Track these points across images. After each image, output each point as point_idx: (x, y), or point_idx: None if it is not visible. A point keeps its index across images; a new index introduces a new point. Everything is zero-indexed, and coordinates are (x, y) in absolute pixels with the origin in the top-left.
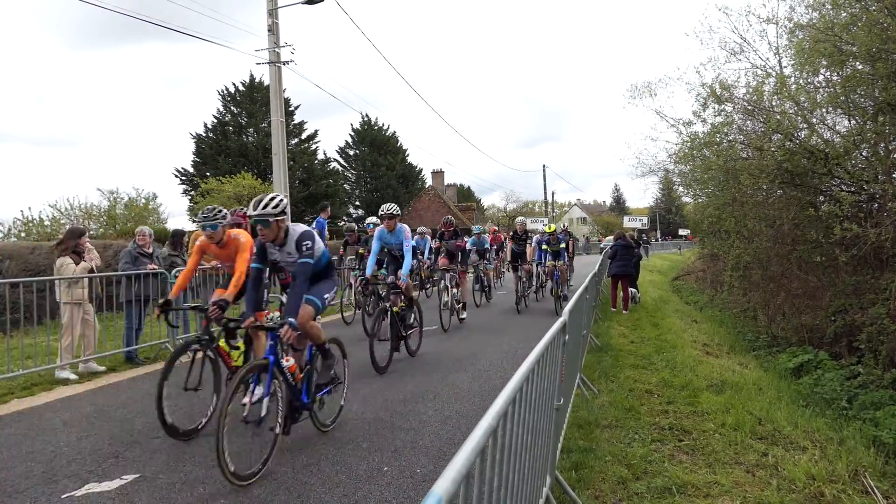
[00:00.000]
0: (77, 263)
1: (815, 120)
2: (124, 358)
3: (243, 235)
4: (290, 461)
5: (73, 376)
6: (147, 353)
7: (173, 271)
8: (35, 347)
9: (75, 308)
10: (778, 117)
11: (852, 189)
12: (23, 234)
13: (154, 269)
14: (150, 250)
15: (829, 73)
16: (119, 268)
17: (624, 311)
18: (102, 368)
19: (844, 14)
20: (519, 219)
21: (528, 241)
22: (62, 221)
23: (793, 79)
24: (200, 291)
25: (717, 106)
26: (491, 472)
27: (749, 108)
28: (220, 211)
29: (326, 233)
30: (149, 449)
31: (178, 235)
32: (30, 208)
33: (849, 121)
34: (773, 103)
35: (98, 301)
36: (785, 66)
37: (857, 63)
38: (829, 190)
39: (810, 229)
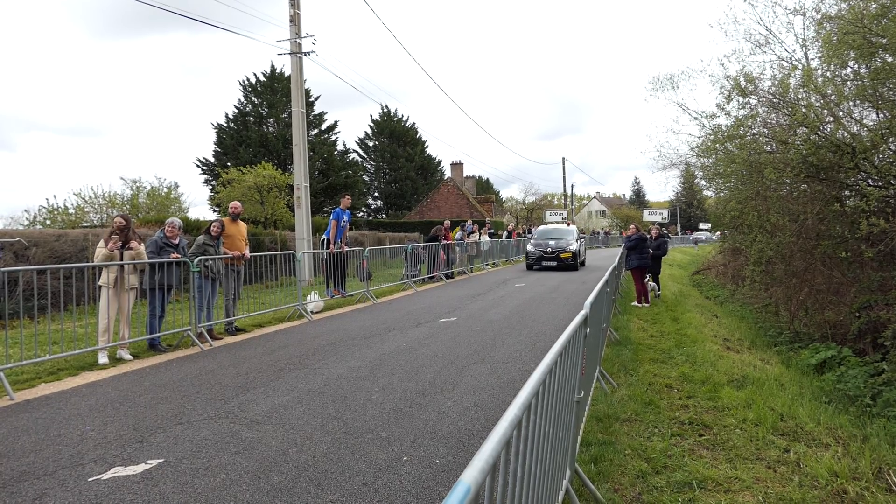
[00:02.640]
0: (108, 249)
1: (841, 113)
2: (147, 345)
3: None
4: (311, 449)
5: (105, 360)
6: (169, 340)
7: (195, 260)
8: (61, 333)
9: (112, 291)
10: (804, 110)
11: (879, 184)
12: (48, 222)
13: (177, 257)
14: (177, 241)
15: (857, 66)
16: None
17: (636, 304)
18: (130, 357)
19: (874, 5)
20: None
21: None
22: (86, 210)
23: (819, 71)
24: (223, 281)
25: (741, 99)
26: (515, 463)
27: (774, 101)
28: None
29: (348, 221)
30: (172, 435)
31: (216, 226)
32: (55, 196)
33: (877, 114)
34: (799, 96)
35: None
36: (812, 59)
37: (887, 55)
38: (855, 184)
39: (835, 224)
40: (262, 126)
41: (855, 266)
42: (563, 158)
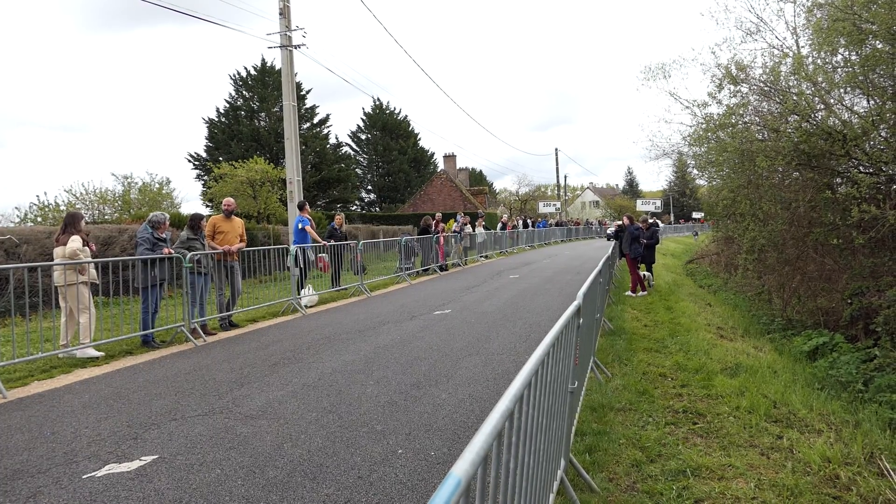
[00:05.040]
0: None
1: (832, 100)
2: (141, 341)
3: None
4: (306, 444)
5: (96, 353)
6: (163, 336)
7: (188, 255)
8: (53, 331)
9: (85, 288)
10: (795, 98)
11: (870, 171)
12: (39, 219)
13: (170, 253)
14: (164, 236)
15: (847, 53)
16: (137, 252)
17: (631, 294)
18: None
19: None
20: None
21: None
22: (77, 206)
23: (810, 59)
24: (214, 276)
25: (732, 87)
26: (507, 455)
27: (765, 89)
28: None
29: (312, 227)
30: (166, 431)
31: (197, 219)
32: (45, 193)
33: (867, 101)
34: (790, 84)
35: (113, 285)
36: (802, 46)
37: (877, 42)
38: (846, 172)
39: (827, 212)
40: (254, 120)
41: (846, 253)
42: (556, 149)
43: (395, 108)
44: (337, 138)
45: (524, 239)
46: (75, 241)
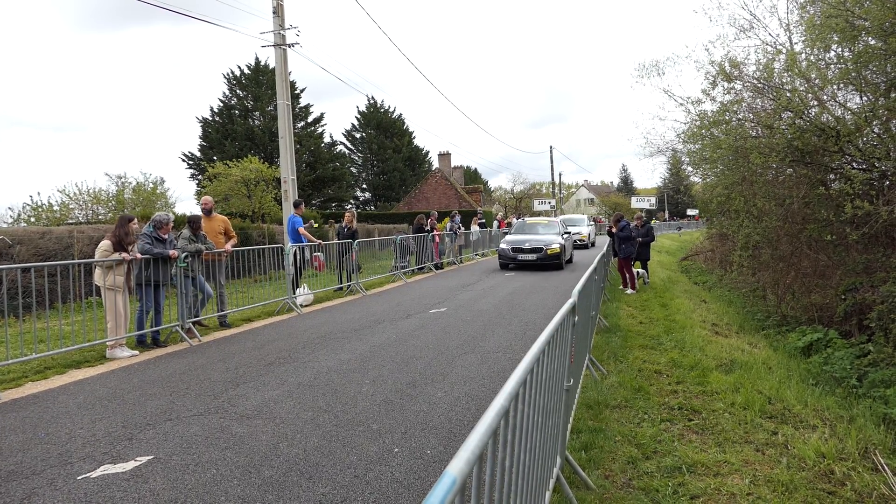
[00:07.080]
0: (115, 251)
1: (825, 97)
2: (135, 341)
3: None
4: (302, 443)
5: (126, 353)
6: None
7: (182, 255)
8: (47, 331)
9: (114, 293)
10: (788, 95)
11: (863, 167)
12: (32, 220)
13: (175, 255)
14: (167, 237)
15: (840, 49)
16: (137, 247)
17: (630, 291)
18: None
19: None
20: None
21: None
22: (71, 206)
23: (803, 55)
24: (206, 275)
25: (726, 84)
26: (503, 453)
27: (759, 85)
28: None
29: (303, 226)
30: (161, 431)
31: (196, 221)
32: (39, 193)
33: (860, 97)
34: (784, 80)
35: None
36: (795, 43)
37: (870, 38)
38: (839, 168)
39: (821, 208)
40: (248, 119)
41: (840, 249)
42: (551, 147)
43: (389, 107)
44: (331, 137)
45: None
46: (101, 245)
